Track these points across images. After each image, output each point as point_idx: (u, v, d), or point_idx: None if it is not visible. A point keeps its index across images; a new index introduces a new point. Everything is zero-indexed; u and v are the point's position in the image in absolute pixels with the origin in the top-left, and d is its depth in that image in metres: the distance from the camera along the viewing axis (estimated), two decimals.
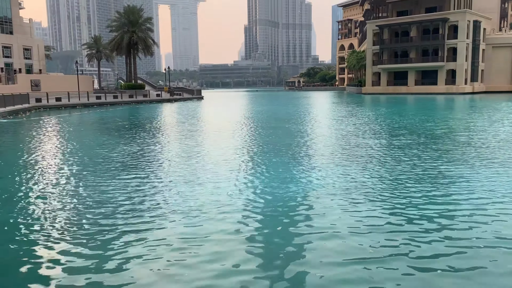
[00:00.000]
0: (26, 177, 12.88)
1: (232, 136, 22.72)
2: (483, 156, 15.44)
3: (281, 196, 10.17)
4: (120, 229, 8.08)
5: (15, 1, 75.56)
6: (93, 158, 16.24)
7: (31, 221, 8.63)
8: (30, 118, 37.60)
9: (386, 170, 13.06)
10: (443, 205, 9.32)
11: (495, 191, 10.43)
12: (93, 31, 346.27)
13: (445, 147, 17.92)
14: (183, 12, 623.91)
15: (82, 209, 9.37)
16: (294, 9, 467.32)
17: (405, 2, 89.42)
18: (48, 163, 15.31)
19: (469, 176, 12.09)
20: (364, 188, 10.82)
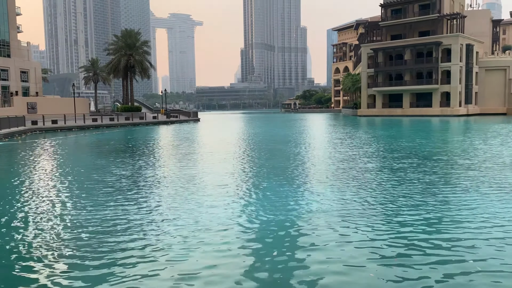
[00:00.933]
0: (17, 200, 12.68)
1: (227, 159, 22.62)
2: (486, 180, 15.38)
3: (276, 220, 10.03)
4: (112, 255, 7.90)
5: (13, 24, 76.29)
6: (86, 181, 16.06)
7: (22, 244, 8.43)
8: (26, 141, 37.42)
9: (383, 194, 12.96)
10: (443, 232, 9.21)
11: (500, 216, 10.34)
12: (91, 54, 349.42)
13: (444, 170, 17.88)
14: (180, 36, 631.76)
15: (74, 232, 9.19)
16: (289, 33, 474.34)
17: (398, 26, 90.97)
18: (40, 186, 15.12)
19: (469, 200, 12.00)
20: (360, 212, 10.70)
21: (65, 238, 8.95)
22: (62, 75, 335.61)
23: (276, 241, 8.63)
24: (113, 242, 8.61)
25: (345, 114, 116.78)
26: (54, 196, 13.34)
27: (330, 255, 7.79)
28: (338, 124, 63.04)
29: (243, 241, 8.64)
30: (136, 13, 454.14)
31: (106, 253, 8.03)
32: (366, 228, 9.31)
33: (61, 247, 8.40)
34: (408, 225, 9.50)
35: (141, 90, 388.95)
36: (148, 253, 7.97)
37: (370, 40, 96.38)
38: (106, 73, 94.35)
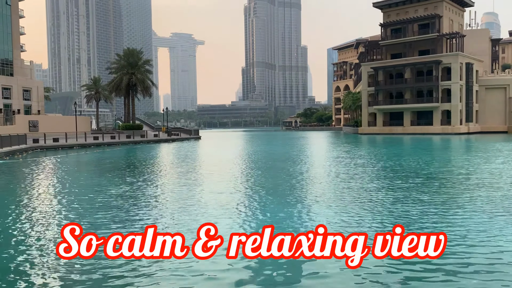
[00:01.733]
0: (15, 218, 12.55)
1: (226, 179, 22.49)
2: (494, 201, 15.22)
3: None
4: (110, 281, 7.75)
5: (17, 44, 77.21)
6: (85, 201, 15.94)
7: (18, 263, 8.28)
8: (27, 159, 37.37)
9: (384, 215, 12.81)
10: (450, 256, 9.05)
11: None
12: (93, 72, 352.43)
13: (452, 190, 17.72)
14: (182, 55, 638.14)
15: (71, 261, 9.04)
16: (290, 52, 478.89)
17: (398, 45, 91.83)
18: (38, 205, 15.00)
19: (479, 222, 11.84)
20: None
21: (60, 261, 8.81)
22: (64, 93, 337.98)
23: (276, 264, 8.48)
24: (110, 266, 8.46)
25: (346, 132, 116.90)
26: (50, 215, 13.21)
27: (332, 280, 7.63)
28: (339, 142, 63.01)
29: (244, 264, 8.48)
30: (138, 32, 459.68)
31: (104, 276, 7.88)
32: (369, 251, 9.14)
33: (56, 270, 8.25)
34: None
35: (143, 108, 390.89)
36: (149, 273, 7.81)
37: (371, 59, 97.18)
38: (108, 92, 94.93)
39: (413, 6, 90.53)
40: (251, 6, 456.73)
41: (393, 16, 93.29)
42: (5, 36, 74.48)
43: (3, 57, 74.37)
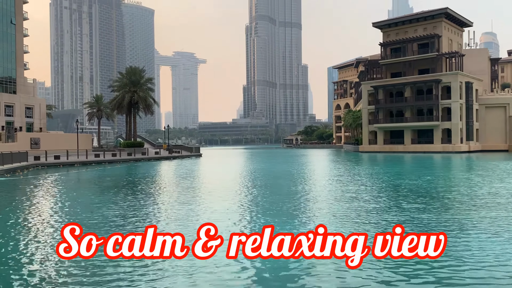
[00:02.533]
0: (14, 236, 12.56)
1: (227, 198, 22.48)
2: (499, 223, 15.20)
3: (273, 264, 9.87)
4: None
5: (20, 62, 78.04)
6: (83, 219, 15.95)
7: (17, 281, 8.29)
8: (28, 176, 37.42)
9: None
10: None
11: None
12: (95, 90, 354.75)
13: (460, 211, 17.70)
14: (184, 73, 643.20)
15: (72, 273, 9.04)
16: (291, 71, 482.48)
17: (398, 64, 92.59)
18: (37, 223, 15.02)
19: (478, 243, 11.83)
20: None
21: (58, 278, 8.81)
22: (66, 111, 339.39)
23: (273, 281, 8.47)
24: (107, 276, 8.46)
25: (347, 150, 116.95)
26: (48, 233, 13.22)
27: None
28: (340, 160, 63.02)
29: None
30: (141, 51, 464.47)
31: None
32: (371, 273, 9.10)
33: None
34: (422, 269, 9.34)
35: (144, 126, 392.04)
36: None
37: (371, 78, 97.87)
38: (110, 109, 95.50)
39: (412, 26, 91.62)
40: (252, 26, 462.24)
41: (393, 35, 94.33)
42: (9, 55, 75.35)
43: (6, 75, 75.10)
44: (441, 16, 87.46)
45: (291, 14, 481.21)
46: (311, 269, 8.86)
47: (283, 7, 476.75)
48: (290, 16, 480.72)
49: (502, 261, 9.69)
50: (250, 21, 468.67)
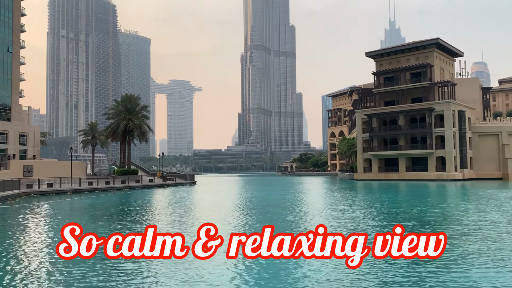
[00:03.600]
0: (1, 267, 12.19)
1: (220, 228, 22.16)
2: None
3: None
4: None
5: (16, 90, 78.28)
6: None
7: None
8: (19, 204, 36.87)
9: (391, 275, 12.56)
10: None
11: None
12: (90, 118, 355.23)
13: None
14: (180, 101, 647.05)
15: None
16: (285, 99, 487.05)
17: (391, 93, 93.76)
18: (26, 252, 14.64)
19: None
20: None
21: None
22: (60, 138, 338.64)
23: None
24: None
25: (342, 177, 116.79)
26: (37, 264, 12.86)
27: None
28: (336, 188, 62.80)
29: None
30: (137, 79, 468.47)
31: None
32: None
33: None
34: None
35: (139, 153, 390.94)
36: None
37: (364, 106, 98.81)
38: (105, 137, 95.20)
39: (404, 56, 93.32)
40: (247, 55, 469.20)
41: (386, 65, 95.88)
42: (5, 83, 75.63)
43: (1, 102, 75.14)
44: (433, 46, 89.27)
45: (285, 43, 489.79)
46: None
47: (278, 37, 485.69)
48: (284, 45, 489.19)
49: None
50: (245, 51, 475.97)
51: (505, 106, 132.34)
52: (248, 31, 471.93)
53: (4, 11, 76.11)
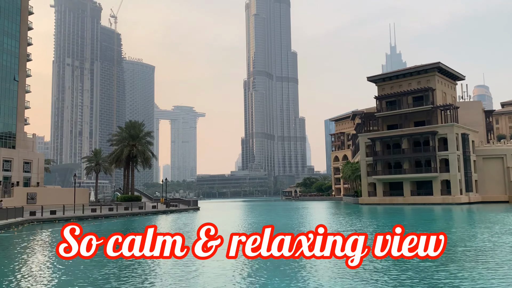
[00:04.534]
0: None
1: (225, 261, 21.81)
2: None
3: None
4: None
5: (21, 117, 78.95)
6: (75, 280, 15.35)
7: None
8: (22, 232, 36.67)
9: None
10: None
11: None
12: (94, 144, 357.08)
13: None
14: (183, 126, 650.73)
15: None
16: (288, 123, 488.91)
17: (394, 116, 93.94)
18: (26, 282, 14.43)
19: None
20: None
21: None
22: (64, 165, 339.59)
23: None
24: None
25: (347, 202, 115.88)
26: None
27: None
28: (341, 213, 62.19)
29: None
30: (141, 106, 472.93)
31: None
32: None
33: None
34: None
35: (142, 179, 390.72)
36: None
37: (367, 130, 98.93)
38: (108, 163, 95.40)
39: (406, 80, 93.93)
40: (250, 80, 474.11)
41: (387, 89, 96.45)
42: (11, 110, 76.42)
43: (6, 130, 75.73)
44: (434, 70, 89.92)
45: (287, 69, 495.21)
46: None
47: (280, 63, 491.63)
48: (286, 71, 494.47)
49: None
50: (248, 76, 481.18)
51: (508, 128, 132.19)
52: (250, 57, 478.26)
53: (11, 40, 77.64)
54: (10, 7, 77.87)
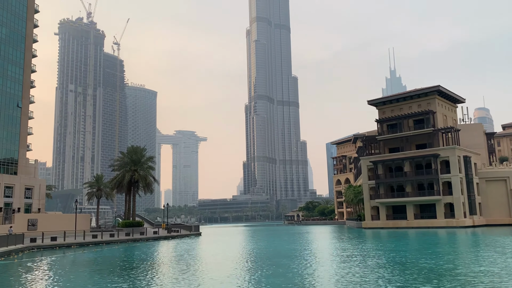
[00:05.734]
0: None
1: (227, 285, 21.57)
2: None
3: None
4: None
5: (23, 143, 79.25)
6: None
7: None
8: (22, 259, 36.30)
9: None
10: None
11: None
12: (96, 170, 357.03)
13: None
14: (185, 151, 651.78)
15: None
16: (290, 147, 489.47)
17: (395, 140, 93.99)
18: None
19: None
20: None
21: None
22: (65, 191, 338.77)
23: None
24: None
25: (350, 226, 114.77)
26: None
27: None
28: (345, 238, 61.47)
29: None
30: (143, 131, 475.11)
31: None
32: None
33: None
34: None
35: (144, 204, 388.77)
36: None
37: (369, 153, 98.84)
38: (110, 189, 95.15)
39: (407, 103, 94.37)
40: (251, 105, 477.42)
41: (388, 112, 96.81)
42: (13, 137, 76.81)
43: (9, 156, 75.93)
44: (434, 93, 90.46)
45: (288, 93, 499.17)
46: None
47: (281, 87, 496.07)
48: (287, 95, 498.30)
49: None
50: (249, 101, 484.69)
51: (510, 150, 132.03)
52: (252, 82, 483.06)
53: (15, 68, 78.72)
54: (15, 35, 79.29)
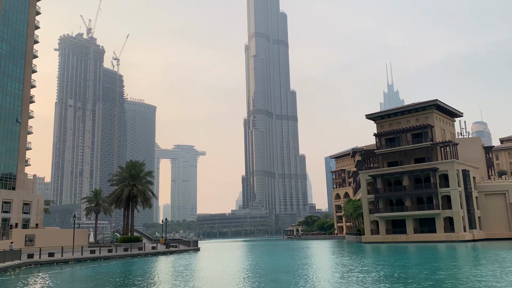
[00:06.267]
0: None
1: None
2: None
3: None
4: None
5: (22, 158, 79.19)
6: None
7: None
8: (19, 276, 35.97)
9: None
10: None
11: None
12: (94, 185, 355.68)
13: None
14: (184, 165, 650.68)
15: None
16: (289, 161, 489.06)
17: (394, 153, 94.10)
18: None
19: None
20: None
21: None
22: (63, 206, 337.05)
23: None
24: None
25: (349, 240, 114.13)
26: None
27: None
28: (346, 254, 61.09)
29: None
30: (142, 145, 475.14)
31: None
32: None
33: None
34: None
35: (142, 219, 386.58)
36: None
37: (368, 167, 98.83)
38: (108, 204, 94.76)
39: (405, 117, 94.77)
40: (250, 119, 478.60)
41: (386, 126, 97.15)
42: (12, 152, 76.78)
43: (7, 171, 75.80)
44: (432, 107, 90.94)
45: (287, 107, 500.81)
46: None
47: (279, 101, 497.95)
48: (286, 109, 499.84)
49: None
50: (248, 115, 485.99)
51: (509, 164, 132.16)
52: (250, 96, 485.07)
53: (15, 83, 79.09)
54: (15, 51, 79.86)
